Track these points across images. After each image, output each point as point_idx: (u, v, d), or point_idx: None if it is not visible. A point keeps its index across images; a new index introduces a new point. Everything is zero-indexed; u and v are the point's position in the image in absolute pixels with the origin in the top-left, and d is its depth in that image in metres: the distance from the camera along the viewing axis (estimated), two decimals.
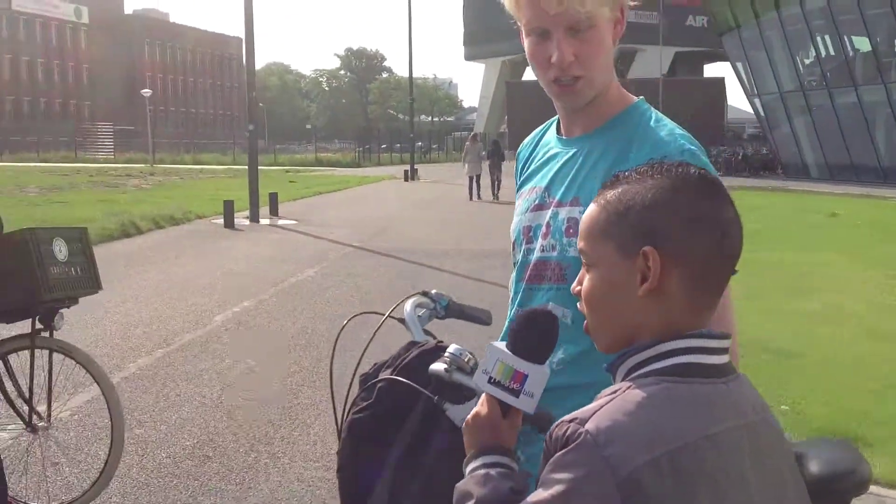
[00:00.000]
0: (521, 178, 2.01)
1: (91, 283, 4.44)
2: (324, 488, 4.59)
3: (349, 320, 2.17)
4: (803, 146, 40.20)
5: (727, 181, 29.25)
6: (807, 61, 39.80)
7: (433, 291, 2.24)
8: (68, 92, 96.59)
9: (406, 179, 38.55)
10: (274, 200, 20.46)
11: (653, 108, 1.85)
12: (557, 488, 1.15)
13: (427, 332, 2.15)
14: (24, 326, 4.25)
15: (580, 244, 1.37)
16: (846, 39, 36.89)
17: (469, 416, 1.46)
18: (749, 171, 43.08)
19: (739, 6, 41.44)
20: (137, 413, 5.76)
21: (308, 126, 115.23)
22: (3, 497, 3.71)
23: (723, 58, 53.78)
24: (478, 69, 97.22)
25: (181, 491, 4.55)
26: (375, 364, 1.97)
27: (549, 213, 1.83)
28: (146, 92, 59.80)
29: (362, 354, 2.06)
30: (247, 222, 18.45)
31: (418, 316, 2.17)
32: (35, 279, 4.03)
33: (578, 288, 1.38)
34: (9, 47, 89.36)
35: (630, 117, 1.82)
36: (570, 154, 1.85)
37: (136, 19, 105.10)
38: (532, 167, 1.97)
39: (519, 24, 1.80)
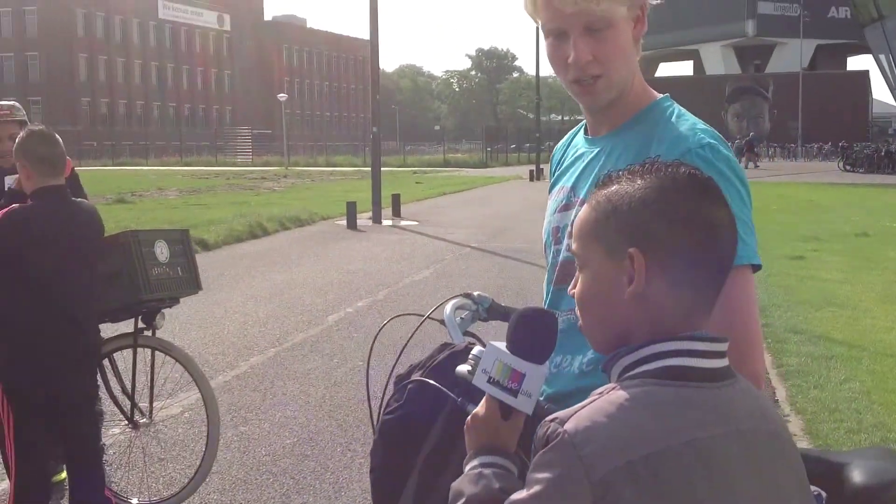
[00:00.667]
0: (552, 180, 2.02)
1: (191, 283, 4.60)
2: None
3: (388, 321, 2.20)
4: None
5: (868, 178, 28.08)
6: None
7: (476, 293, 2.23)
8: (210, 97, 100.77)
9: (531, 179, 38.41)
10: (396, 202, 20.75)
11: (676, 104, 1.83)
12: (535, 488, 1.17)
13: (469, 334, 2.14)
14: (127, 326, 4.44)
15: (573, 245, 1.37)
16: None
17: (469, 417, 1.48)
18: (893, 167, 41.03)
19: None
20: (244, 411, 5.94)
21: (437, 127, 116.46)
22: (100, 488, 3.88)
23: (868, 50, 51.38)
24: None
25: (276, 489, 4.67)
26: (411, 365, 1.98)
27: (574, 211, 1.83)
28: (282, 96, 61.71)
29: (398, 355, 2.07)
30: (369, 223, 18.77)
31: (461, 318, 2.17)
32: (136, 280, 4.20)
33: (573, 290, 1.38)
34: (155, 55, 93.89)
35: (652, 114, 1.80)
36: (595, 153, 1.85)
37: (275, 26, 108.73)
38: (562, 168, 1.98)
39: (538, 24, 1.79)
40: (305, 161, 60.35)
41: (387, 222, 19.16)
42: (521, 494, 1.19)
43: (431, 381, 1.83)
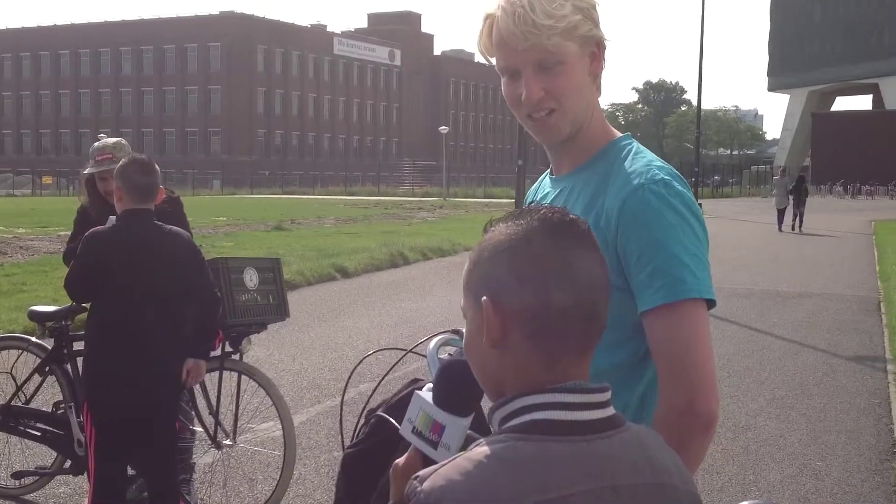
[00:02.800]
0: None
1: (279, 310, 4.75)
2: None
3: (367, 356, 2.22)
4: None
5: None
6: None
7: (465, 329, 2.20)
8: (378, 130, 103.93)
9: None
10: None
11: (635, 143, 1.81)
12: None
13: None
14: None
15: (462, 301, 1.34)
16: None
17: (392, 467, 1.46)
18: None
19: None
20: (333, 438, 6.02)
21: None
22: (176, 500, 4.02)
23: None
24: (782, 100, 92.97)
25: None
26: (382, 401, 1.98)
27: None
28: (444, 129, 62.86)
29: (373, 391, 2.07)
30: None
31: (448, 355, 2.14)
32: (223, 305, 4.37)
33: None
34: (328, 89, 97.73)
35: (609, 152, 1.79)
36: (557, 192, 1.85)
37: (444, 60, 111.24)
38: None
39: (493, 66, 1.81)
40: (464, 192, 61.14)
41: None
42: None
43: (388, 417, 1.82)
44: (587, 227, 1.26)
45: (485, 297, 1.23)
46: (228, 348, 4.58)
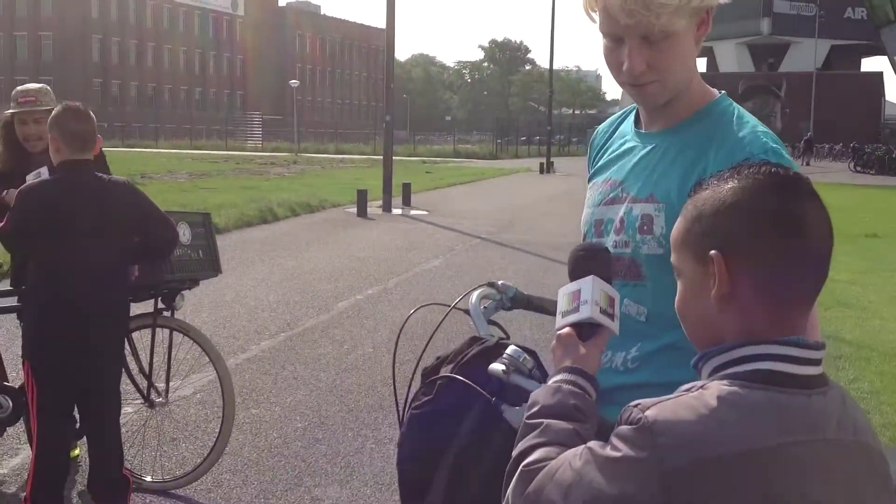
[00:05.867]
0: (594, 168, 1.98)
1: (212, 266, 4.64)
2: None
3: (414, 311, 2.21)
4: None
5: (880, 180, 27.93)
6: None
7: (500, 282, 2.22)
8: (222, 82, 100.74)
9: (541, 172, 38.41)
10: (407, 190, 20.78)
11: (735, 104, 1.79)
12: (611, 452, 1.18)
13: (493, 323, 2.15)
14: (147, 306, 4.48)
15: (672, 257, 1.37)
16: None
17: (555, 338, 1.54)
18: None
19: None
20: (255, 394, 5.98)
21: (448, 118, 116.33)
22: (119, 466, 3.93)
23: (882, 51, 51.13)
24: None
25: (288, 471, 4.71)
26: (438, 357, 1.98)
27: (623, 208, 1.80)
28: (294, 82, 61.70)
29: (425, 347, 2.08)
30: (379, 211, 18.80)
31: (484, 308, 2.17)
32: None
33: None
34: (168, 38, 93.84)
35: (711, 114, 1.76)
36: (649, 149, 1.81)
37: (289, 11, 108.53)
38: (606, 158, 1.93)
39: (594, 23, 1.75)
40: (315, 148, 60.29)
41: (397, 211, 19.19)
42: (596, 446, 1.21)
43: (462, 379, 1.84)
44: (810, 182, 1.29)
45: (714, 251, 1.25)
46: (161, 305, 4.45)
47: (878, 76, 65.81)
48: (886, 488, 1.27)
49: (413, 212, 19.26)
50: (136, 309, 4.48)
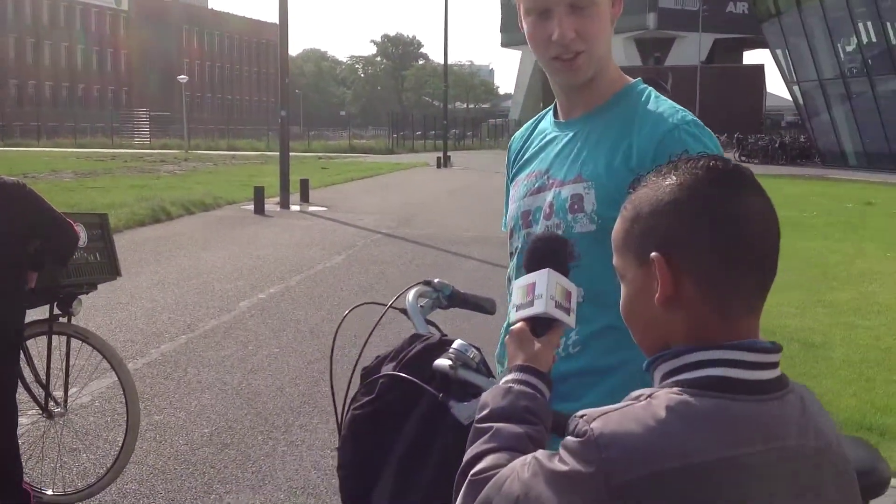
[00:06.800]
0: (515, 169, 2.00)
1: (110, 269, 4.45)
2: None
3: (350, 311, 2.12)
4: (841, 134, 39.62)
5: (763, 169, 29.11)
6: (848, 48, 39.17)
7: (436, 280, 2.18)
8: (107, 78, 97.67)
9: (438, 167, 38.50)
10: (305, 187, 20.50)
11: (650, 88, 1.84)
12: (558, 465, 1.12)
13: (430, 323, 2.10)
14: (42, 312, 4.26)
15: (614, 260, 1.30)
16: (889, 26, 36.22)
17: (508, 333, 1.49)
18: (786, 159, 42.60)
19: None
20: (157, 399, 5.77)
21: (342, 113, 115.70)
22: (18, 482, 3.72)
23: (763, 45, 53.02)
24: (514, 56, 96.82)
25: (197, 478, 4.55)
26: (377, 357, 1.91)
27: (551, 193, 1.82)
28: (182, 78, 60.18)
29: (363, 347, 2.00)
30: (277, 208, 18.50)
31: (420, 306, 2.11)
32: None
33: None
34: (49, 33, 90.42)
35: (629, 96, 1.81)
36: (570, 136, 1.84)
37: (176, 6, 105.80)
38: (527, 155, 1.96)
39: (517, 4, 1.79)
40: (207, 144, 58.97)
41: (295, 208, 18.91)
42: (545, 457, 1.15)
43: (407, 376, 1.77)
44: (752, 173, 1.23)
45: (655, 253, 1.18)
46: (57, 311, 4.23)
47: (760, 69, 68.17)
48: (851, 492, 1.23)
49: (312, 208, 19.01)
50: (32, 315, 4.27)
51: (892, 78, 35.57)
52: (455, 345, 1.72)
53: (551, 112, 1.95)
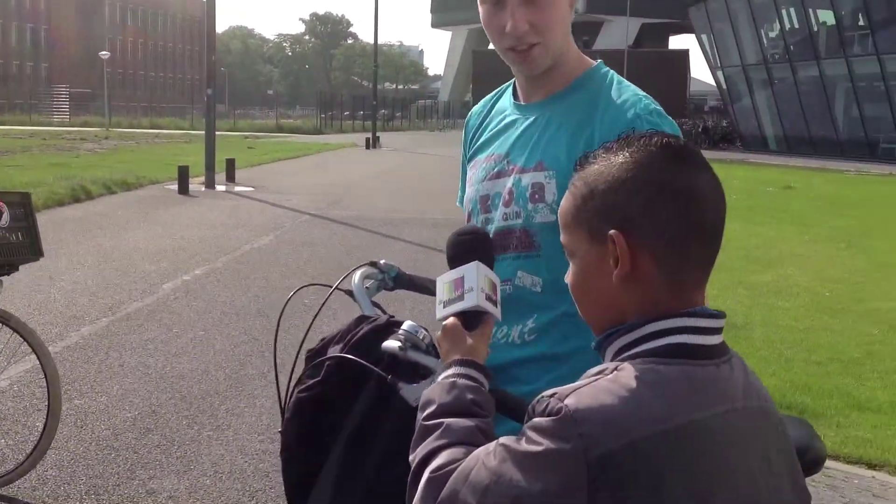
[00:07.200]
0: (473, 148, 1.95)
1: (32, 249, 4.29)
2: (268, 461, 4.51)
3: (294, 292, 2.07)
4: (763, 119, 40.53)
5: None
6: (771, 34, 40.02)
7: (382, 262, 2.14)
8: (25, 54, 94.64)
9: (368, 147, 38.31)
10: (231, 166, 20.20)
11: (613, 71, 1.81)
12: (531, 447, 1.12)
13: (375, 305, 2.07)
14: None
15: (561, 237, 1.31)
16: (811, 13, 37.12)
17: (441, 329, 1.48)
18: (709, 143, 43.44)
19: None
20: (78, 383, 5.63)
21: (269, 92, 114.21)
22: None
23: (689, 30, 53.87)
24: (444, 36, 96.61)
25: (120, 464, 4.45)
26: (323, 339, 1.87)
27: (510, 179, 1.78)
28: (104, 54, 58.64)
29: (308, 329, 1.96)
30: (202, 188, 18.19)
31: (366, 287, 2.08)
32: None
33: (569, 279, 1.33)
34: None
35: (591, 80, 1.78)
36: (531, 120, 1.80)
37: None
38: (486, 135, 1.91)
39: None
40: (129, 122, 57.69)
41: (220, 188, 18.62)
42: (513, 443, 1.14)
43: (355, 358, 1.74)
44: (701, 152, 1.27)
45: (613, 230, 1.20)
46: None
47: (685, 53, 69.12)
48: (786, 447, 1.29)
49: (238, 188, 18.75)
50: None
51: (813, 64, 36.50)
52: (405, 326, 1.70)
53: (510, 91, 1.90)
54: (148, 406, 5.27)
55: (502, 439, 1.17)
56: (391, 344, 1.68)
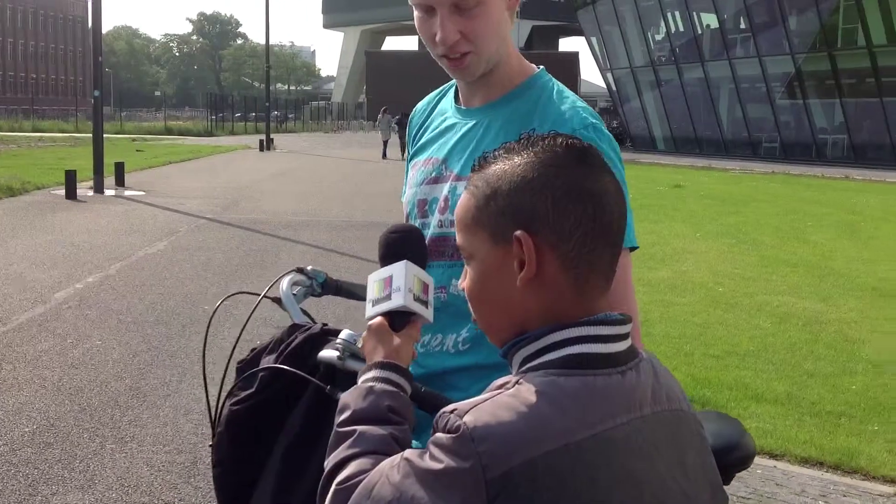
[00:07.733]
0: (415, 147, 1.91)
1: None
2: (175, 472, 4.39)
3: (222, 301, 2.01)
4: (651, 120, 41.62)
5: None
6: (658, 37, 41.14)
7: (309, 268, 2.09)
8: None
9: (261, 149, 37.77)
10: (120, 170, 19.61)
11: (554, 80, 1.78)
12: (431, 464, 1.09)
13: (304, 312, 2.03)
14: None
15: (457, 238, 1.26)
16: (696, 16, 38.33)
17: (366, 332, 1.44)
18: None
19: None
20: None
21: (157, 93, 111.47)
22: None
23: (579, 32, 54.89)
24: (337, 38, 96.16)
25: (19, 480, 4.27)
26: (254, 350, 1.82)
27: (447, 186, 1.75)
28: None
29: (237, 339, 1.89)
30: (90, 193, 17.61)
31: (293, 294, 2.04)
32: None
33: (463, 283, 1.28)
34: None
35: (532, 88, 1.75)
36: (470, 125, 1.76)
37: None
38: (427, 136, 1.87)
39: None
40: (9, 126, 55.41)
41: (110, 192, 18.06)
42: (415, 458, 1.12)
43: (290, 368, 1.69)
44: (600, 153, 1.24)
45: (520, 231, 1.16)
46: None
47: (575, 55, 70.54)
48: (703, 448, 1.28)
49: (128, 192, 18.22)
50: None
51: (698, 66, 37.69)
52: (343, 335, 1.66)
53: (452, 93, 1.87)
54: (46, 419, 5.07)
55: (406, 453, 1.14)
56: (329, 353, 1.65)
